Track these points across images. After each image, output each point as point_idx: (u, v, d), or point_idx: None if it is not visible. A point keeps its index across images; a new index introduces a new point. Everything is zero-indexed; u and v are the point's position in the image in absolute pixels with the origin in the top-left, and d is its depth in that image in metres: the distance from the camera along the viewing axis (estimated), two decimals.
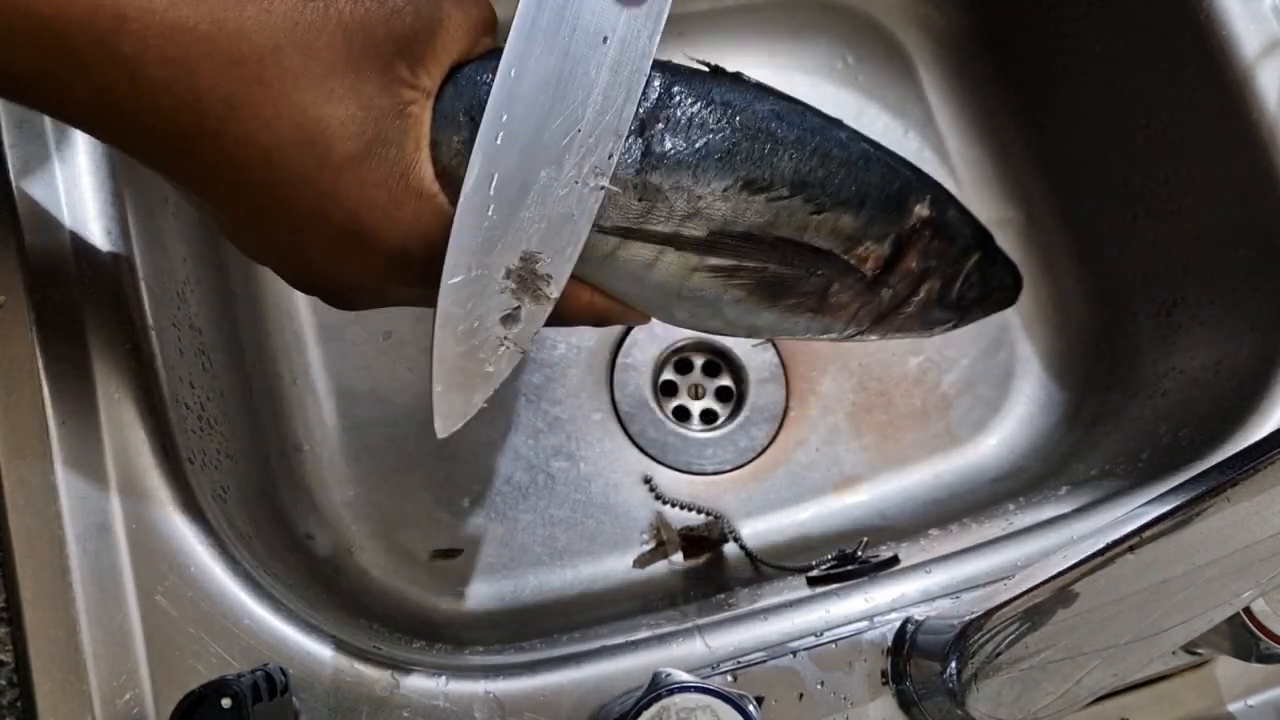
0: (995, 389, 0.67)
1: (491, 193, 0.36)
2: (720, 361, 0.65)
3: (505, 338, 0.37)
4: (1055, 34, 0.67)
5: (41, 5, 0.31)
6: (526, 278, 0.37)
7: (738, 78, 0.42)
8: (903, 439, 0.65)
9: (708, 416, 0.64)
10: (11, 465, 0.40)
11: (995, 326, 0.68)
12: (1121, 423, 0.62)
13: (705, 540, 0.60)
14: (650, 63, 0.38)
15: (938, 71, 0.71)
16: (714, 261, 0.41)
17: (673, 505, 0.61)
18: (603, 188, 0.37)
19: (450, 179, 0.38)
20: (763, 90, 0.42)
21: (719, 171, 0.40)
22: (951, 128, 0.71)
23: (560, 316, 0.40)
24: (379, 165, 0.35)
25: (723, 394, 0.65)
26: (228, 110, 0.33)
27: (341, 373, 0.62)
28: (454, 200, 0.37)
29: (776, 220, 0.41)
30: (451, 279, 0.36)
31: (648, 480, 0.62)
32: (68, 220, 0.44)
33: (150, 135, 0.34)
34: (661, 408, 0.64)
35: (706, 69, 0.42)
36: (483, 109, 0.37)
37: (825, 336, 0.45)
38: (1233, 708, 0.47)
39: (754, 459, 0.63)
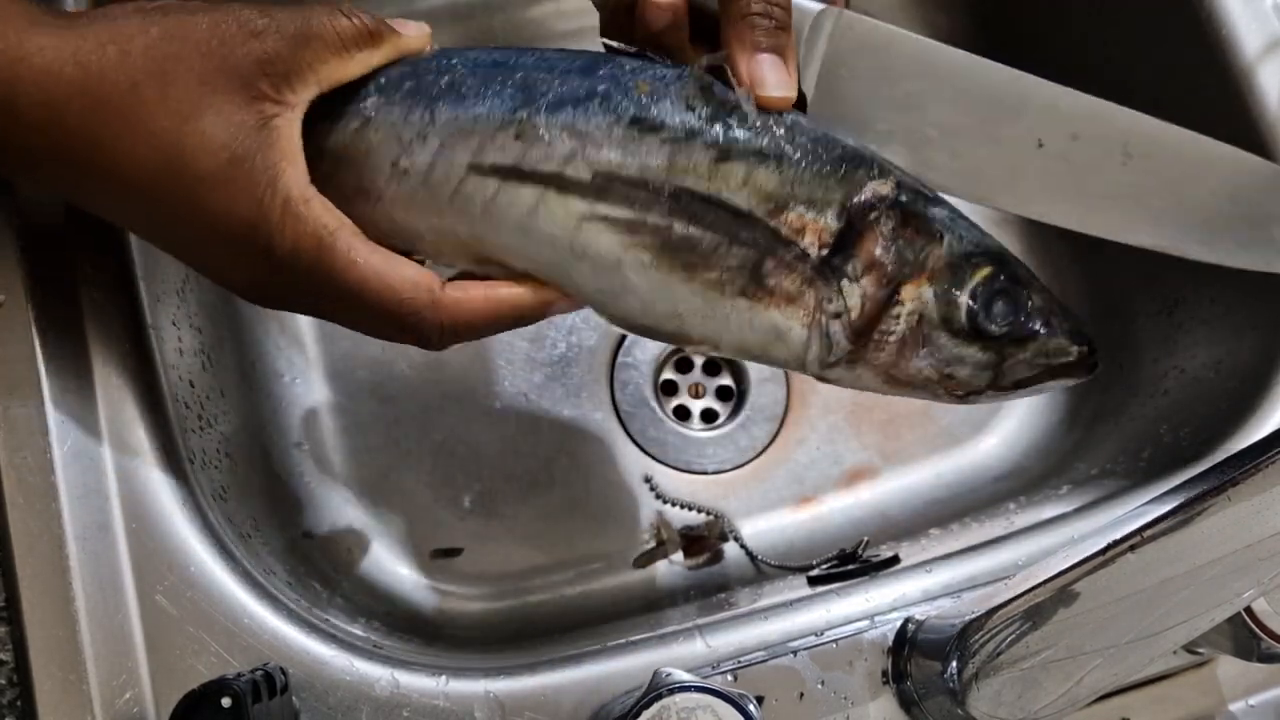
0: None
1: None
2: (721, 361, 0.65)
3: None
4: (1057, 33, 0.67)
5: None
6: None
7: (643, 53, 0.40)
8: (903, 438, 0.65)
9: (708, 416, 0.64)
10: (11, 465, 0.40)
11: None
12: (1122, 422, 0.62)
13: (705, 540, 0.60)
14: None
15: None
16: (605, 210, 0.38)
17: (673, 504, 0.61)
18: None
19: (335, 180, 0.39)
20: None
21: (602, 108, 0.38)
22: None
23: (470, 325, 0.39)
24: (242, 177, 0.37)
25: (723, 393, 0.65)
26: (95, 143, 0.36)
27: (341, 372, 0.62)
28: (341, 203, 0.38)
29: (673, 165, 0.37)
30: None
31: (648, 479, 0.62)
32: (67, 220, 0.44)
33: (32, 169, 0.39)
34: (662, 407, 0.64)
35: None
36: (592, 99, 0.38)
37: (790, 354, 0.39)
38: (1234, 707, 0.47)
39: (754, 458, 0.63)
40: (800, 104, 0.42)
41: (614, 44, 0.41)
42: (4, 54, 0.35)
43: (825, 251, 0.38)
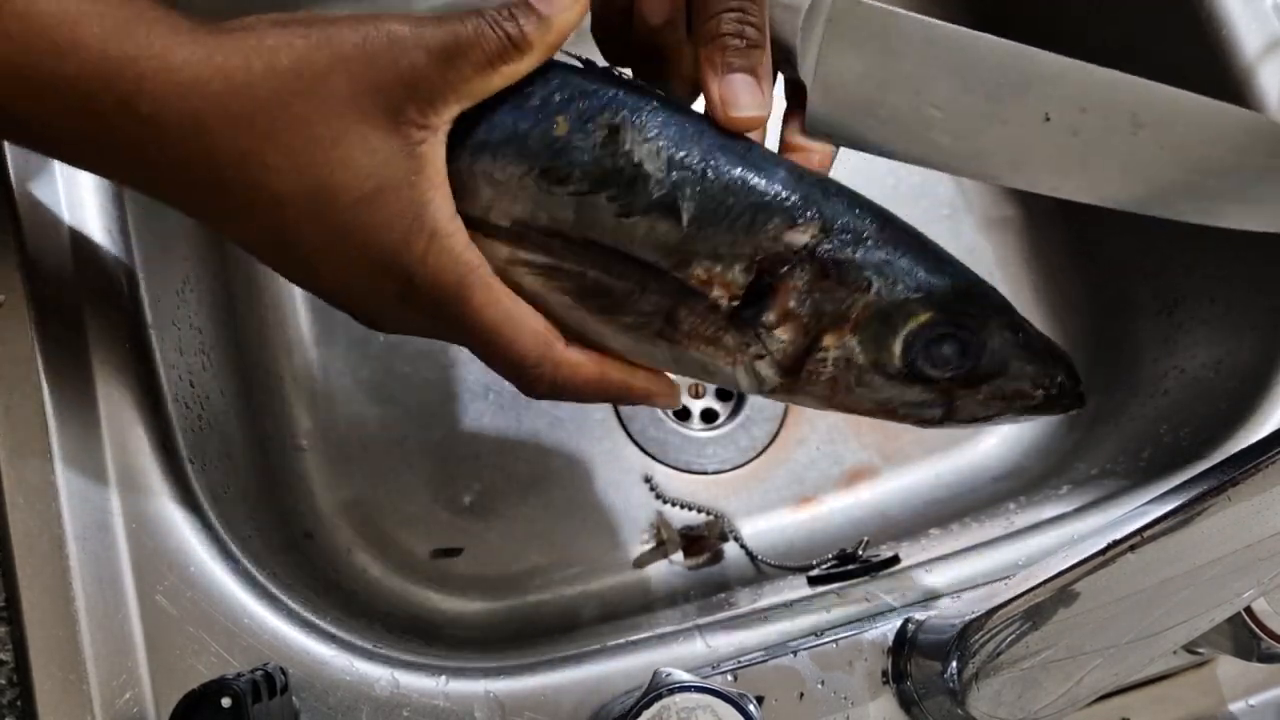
0: None
1: None
2: None
3: None
4: (1056, 33, 0.67)
5: (69, 67, 0.34)
6: None
7: (591, 67, 0.39)
8: (903, 438, 0.65)
9: (708, 415, 0.64)
10: (11, 465, 0.40)
11: None
12: (1122, 422, 0.62)
13: (705, 540, 0.60)
14: None
15: None
16: (525, 256, 0.38)
17: (673, 504, 0.61)
18: None
19: (473, 205, 0.38)
20: (610, 78, 0.39)
21: (516, 156, 0.38)
22: None
23: (576, 390, 0.39)
24: (388, 205, 0.36)
25: (723, 393, 0.65)
26: (240, 161, 0.35)
27: (341, 372, 0.62)
28: (477, 229, 0.37)
29: (580, 218, 0.38)
30: None
31: (648, 479, 0.62)
32: (68, 220, 0.44)
33: (171, 184, 0.37)
34: None
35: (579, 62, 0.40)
36: (509, 144, 0.37)
37: (726, 383, 0.40)
38: (1234, 707, 0.47)
39: (754, 458, 0.63)
40: (800, 94, 0.42)
41: (567, 58, 0.40)
42: (150, 63, 0.34)
43: (736, 304, 0.37)
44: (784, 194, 0.37)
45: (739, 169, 0.38)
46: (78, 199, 0.44)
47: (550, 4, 0.37)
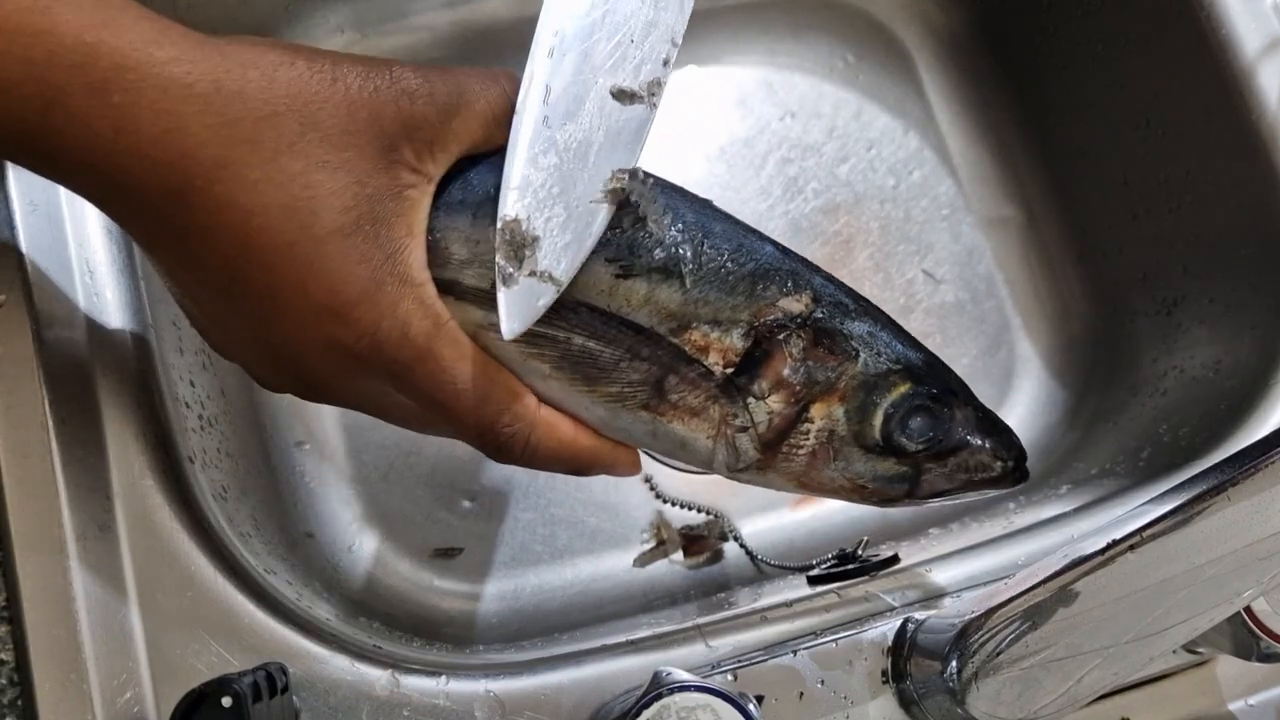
0: (995, 388, 0.67)
1: (548, 108, 0.35)
2: None
3: (567, 243, 0.35)
4: (1056, 33, 0.67)
5: (36, 51, 0.31)
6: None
7: None
8: None
9: None
10: (11, 465, 0.40)
11: (995, 326, 0.68)
12: (1122, 421, 0.62)
13: (705, 540, 0.60)
14: None
15: (938, 70, 0.71)
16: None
17: (673, 504, 0.61)
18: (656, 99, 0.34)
19: (445, 266, 0.36)
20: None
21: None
22: (951, 127, 0.70)
23: (548, 452, 0.38)
24: (365, 242, 0.34)
25: None
26: (215, 169, 0.33)
27: None
28: (449, 292, 0.36)
29: (574, 280, 0.35)
30: (511, 185, 0.35)
31: (648, 479, 0.62)
32: (67, 219, 0.44)
33: (133, 191, 0.33)
34: None
35: None
36: (490, 205, 0.35)
37: (698, 461, 0.38)
38: (1233, 707, 0.47)
39: None
40: None
41: None
42: (132, 55, 0.31)
43: (730, 370, 0.37)
44: (776, 264, 0.37)
45: (733, 237, 0.37)
46: (77, 198, 0.44)
47: None
